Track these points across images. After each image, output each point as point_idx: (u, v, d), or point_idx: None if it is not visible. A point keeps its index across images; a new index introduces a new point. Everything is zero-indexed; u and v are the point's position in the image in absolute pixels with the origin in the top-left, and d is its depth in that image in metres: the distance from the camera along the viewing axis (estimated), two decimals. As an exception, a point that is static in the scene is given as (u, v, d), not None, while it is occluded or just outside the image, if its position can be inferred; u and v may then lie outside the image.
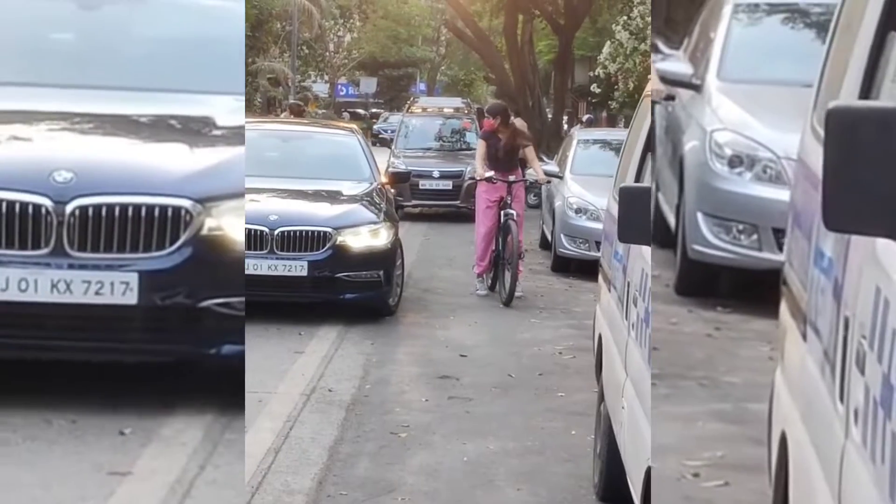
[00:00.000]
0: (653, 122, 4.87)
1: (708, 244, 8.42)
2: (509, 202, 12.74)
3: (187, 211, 6.06)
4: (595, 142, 17.54)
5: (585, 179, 15.70)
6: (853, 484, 2.82)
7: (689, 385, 6.89)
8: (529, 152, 13.37)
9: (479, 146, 13.24)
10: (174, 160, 6.60)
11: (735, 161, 8.37)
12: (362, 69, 56.93)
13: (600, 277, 6.86)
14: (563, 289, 14.06)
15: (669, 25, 13.30)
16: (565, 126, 36.91)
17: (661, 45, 14.64)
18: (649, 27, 26.97)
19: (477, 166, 13.10)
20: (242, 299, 6.20)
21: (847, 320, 3.05)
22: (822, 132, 4.12)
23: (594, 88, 30.25)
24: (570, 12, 32.69)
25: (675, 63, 10.06)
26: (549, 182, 14.63)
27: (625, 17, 28.55)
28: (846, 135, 2.40)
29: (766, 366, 7.58)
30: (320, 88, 55.06)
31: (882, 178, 2.34)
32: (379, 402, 8.37)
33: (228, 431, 6.16)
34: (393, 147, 23.27)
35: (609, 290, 6.16)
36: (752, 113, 8.82)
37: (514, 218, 12.66)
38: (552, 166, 17.14)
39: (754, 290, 8.55)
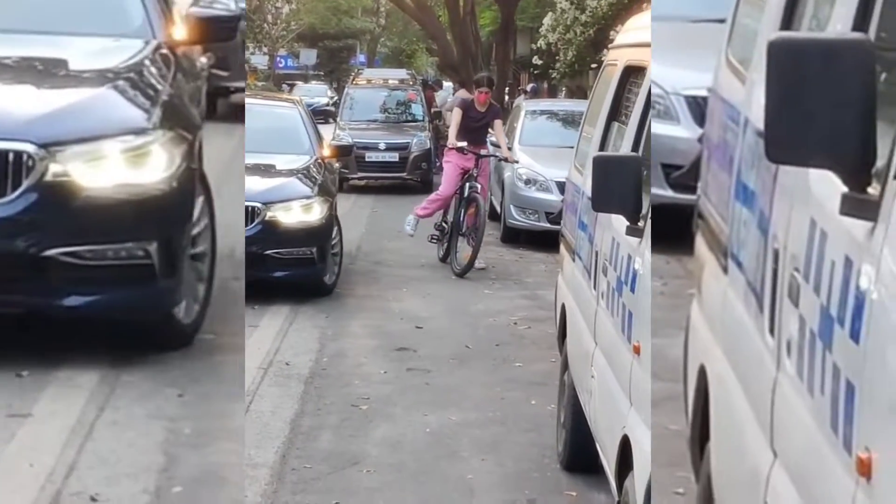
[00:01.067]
0: (650, 91, 4.84)
1: (515, 220, 13.81)
2: (475, 175, 12.78)
3: (30, 156, 5.69)
4: (542, 112, 17.54)
5: (534, 150, 15.70)
6: (787, 415, 2.84)
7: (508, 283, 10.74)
8: (498, 126, 13.42)
9: (455, 114, 13.09)
10: (18, 102, 6.14)
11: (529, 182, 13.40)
12: (302, 41, 56.47)
13: (562, 247, 6.86)
14: (514, 259, 14.06)
15: None
16: (507, 97, 36.87)
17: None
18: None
19: (451, 134, 12.96)
20: (92, 248, 5.84)
21: (777, 252, 3.03)
22: (738, 66, 4.13)
23: (536, 60, 30.14)
24: (512, -18, 32.58)
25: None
26: (517, 162, 14.56)
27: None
28: (790, 67, 2.37)
29: (658, 301, 7.76)
30: (259, 61, 54.40)
31: (826, 110, 2.30)
32: (337, 375, 8.35)
33: (125, 374, 6.02)
34: (338, 119, 23.11)
35: (573, 260, 6.16)
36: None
37: (479, 191, 12.73)
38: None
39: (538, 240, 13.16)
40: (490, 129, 13.40)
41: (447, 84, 37.36)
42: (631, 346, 4.20)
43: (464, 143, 12.74)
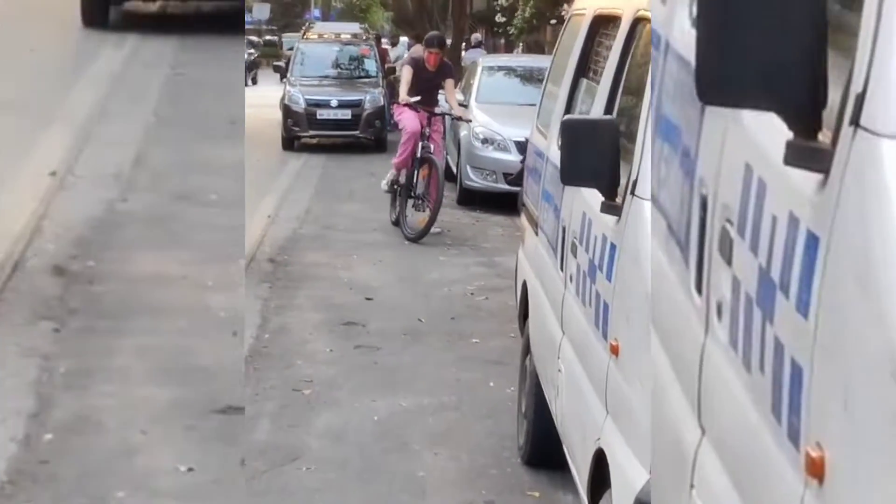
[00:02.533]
0: (626, 43, 4.17)
1: (472, 181, 13.75)
2: (427, 134, 12.12)
3: None
4: (500, 68, 16.85)
5: (491, 108, 15.05)
6: (719, 393, 2.45)
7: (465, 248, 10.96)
8: (450, 85, 12.63)
9: (406, 72, 12.41)
10: None
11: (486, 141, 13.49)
12: None
13: (523, 217, 6.22)
14: (470, 223, 13.43)
15: None
16: (463, 53, 36.11)
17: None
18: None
19: (402, 91, 12.32)
20: None
21: (704, 199, 2.60)
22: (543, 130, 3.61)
23: (499, 18, 29.44)
24: (469, -65, 31.83)
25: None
26: (470, 121, 13.88)
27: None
28: None
29: (499, 236, 11.08)
30: None
31: (765, 44, 1.89)
32: (279, 354, 7.69)
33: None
34: (288, 75, 22.31)
35: (536, 234, 5.53)
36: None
37: (432, 151, 12.11)
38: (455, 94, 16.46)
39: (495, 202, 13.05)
40: (442, 90, 12.68)
41: (403, 39, 36.54)
42: (607, 343, 3.58)
43: (417, 98, 12.06)
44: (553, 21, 26.23)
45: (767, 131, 2.14)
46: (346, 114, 20.32)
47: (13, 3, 11.88)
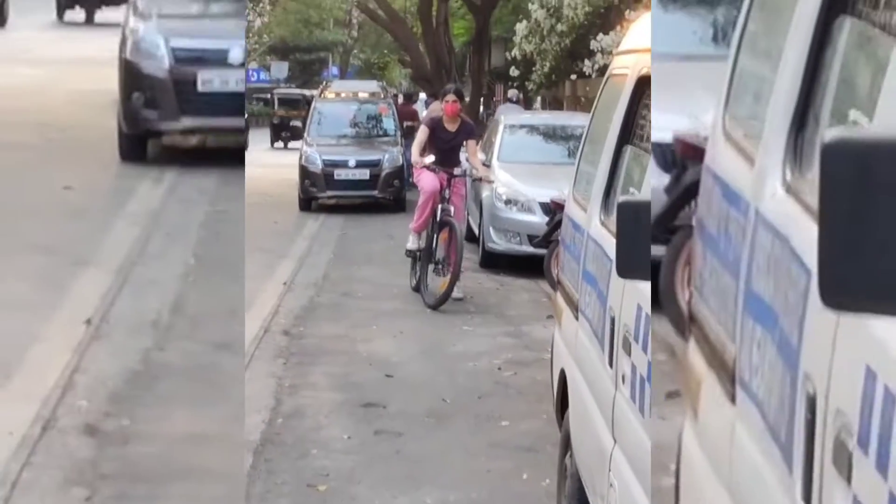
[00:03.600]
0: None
1: (495, 243, 13.31)
2: (447, 196, 11.44)
3: None
4: (522, 126, 16.31)
5: (514, 167, 14.54)
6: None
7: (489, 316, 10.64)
8: (472, 145, 11.90)
9: (421, 132, 11.72)
10: None
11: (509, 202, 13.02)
12: (273, 54, 55.50)
13: (559, 296, 5.63)
14: (494, 288, 12.86)
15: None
16: (482, 109, 35.71)
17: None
18: (565, 5, 25.93)
19: (414, 152, 11.63)
20: None
21: (812, 399, 2.22)
22: (740, 140, 3.08)
23: (512, 72, 29.01)
24: (486, -9, 31.53)
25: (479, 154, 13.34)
26: (492, 182, 13.34)
27: (537, -4, 27.41)
28: (854, 178, 1.65)
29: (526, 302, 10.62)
30: None
31: None
32: (293, 442, 7.07)
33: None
34: (305, 135, 21.88)
35: (576, 318, 4.93)
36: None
37: (452, 214, 11.43)
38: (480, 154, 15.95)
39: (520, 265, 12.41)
40: (464, 149, 12.05)
41: (421, 96, 36.19)
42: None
43: (431, 159, 11.42)
44: (573, 76, 25.81)
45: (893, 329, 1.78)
46: (365, 174, 19.89)
47: (47, 138, 11.58)
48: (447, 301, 11.26)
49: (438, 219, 11.47)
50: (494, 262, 13.96)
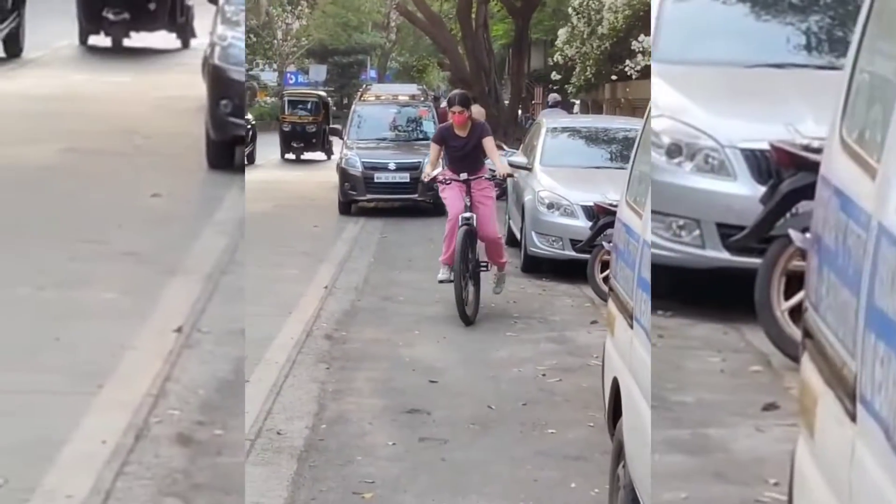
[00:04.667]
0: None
1: (537, 248, 10.19)
2: (468, 204, 10.88)
3: None
4: (564, 130, 16.18)
5: (556, 171, 14.40)
6: None
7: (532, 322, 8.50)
8: (489, 144, 11.13)
9: (432, 149, 11.35)
10: None
11: (674, 150, 8.06)
12: (311, 57, 55.78)
13: (612, 304, 5.52)
14: (537, 293, 12.74)
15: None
16: (520, 112, 35.63)
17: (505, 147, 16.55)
18: (602, 11, 25.86)
19: (426, 169, 11.46)
20: None
21: None
22: (859, 150, 2.97)
23: (554, 76, 28.91)
24: (526, -6, 31.46)
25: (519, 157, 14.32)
26: (511, 176, 12.61)
27: (577, 1, 27.32)
28: None
29: (717, 381, 6.66)
30: (269, 77, 53.98)
31: None
32: (337, 448, 6.99)
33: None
34: (345, 138, 21.87)
35: (631, 326, 4.82)
36: (691, 97, 8.66)
37: (472, 223, 10.86)
38: (519, 157, 15.87)
39: (697, 292, 8.19)
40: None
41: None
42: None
43: (437, 172, 11.06)
44: (614, 78, 25.67)
45: None
46: (405, 177, 19.85)
47: (134, 146, 11.79)
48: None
49: (463, 232, 10.84)
50: (537, 266, 13.84)
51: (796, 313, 6.43)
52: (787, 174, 6.55)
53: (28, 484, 5.06)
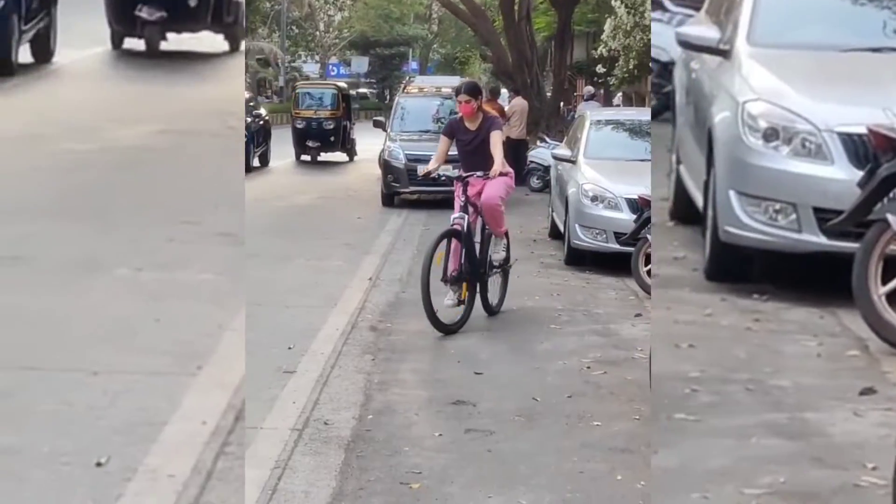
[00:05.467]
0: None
1: (741, 225, 8.14)
2: (464, 203, 10.29)
3: None
4: (608, 122, 16.17)
5: (600, 164, 14.41)
6: None
7: (734, 390, 6.55)
8: (496, 138, 10.19)
9: (441, 142, 10.80)
10: None
11: (770, 134, 8.12)
12: (353, 48, 56.06)
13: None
14: (581, 286, 12.74)
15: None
16: (562, 105, 35.50)
17: (667, 4, 14.07)
18: (646, 3, 25.73)
19: (430, 162, 10.80)
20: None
21: None
22: None
23: (599, 69, 28.82)
24: (569, -14, 31.38)
25: (699, 26, 9.86)
26: (505, 174, 10.31)
27: (622, -7, 27.20)
28: None
29: (814, 364, 6.68)
30: (311, 69, 54.58)
31: None
32: (384, 439, 7.03)
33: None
34: (388, 130, 21.95)
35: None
36: (788, 81, 8.49)
37: (463, 223, 10.16)
38: (562, 149, 15.88)
39: (793, 276, 8.51)
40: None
41: (504, 92, 36.13)
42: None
43: (433, 167, 10.57)
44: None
45: None
46: (447, 168, 19.80)
47: (347, 193, 20.50)
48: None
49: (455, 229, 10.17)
50: (580, 259, 13.85)
51: (894, 298, 6.93)
52: (885, 158, 6.88)
53: (130, 464, 5.24)
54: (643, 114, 16.53)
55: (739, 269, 8.40)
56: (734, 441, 5.81)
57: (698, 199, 9.08)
